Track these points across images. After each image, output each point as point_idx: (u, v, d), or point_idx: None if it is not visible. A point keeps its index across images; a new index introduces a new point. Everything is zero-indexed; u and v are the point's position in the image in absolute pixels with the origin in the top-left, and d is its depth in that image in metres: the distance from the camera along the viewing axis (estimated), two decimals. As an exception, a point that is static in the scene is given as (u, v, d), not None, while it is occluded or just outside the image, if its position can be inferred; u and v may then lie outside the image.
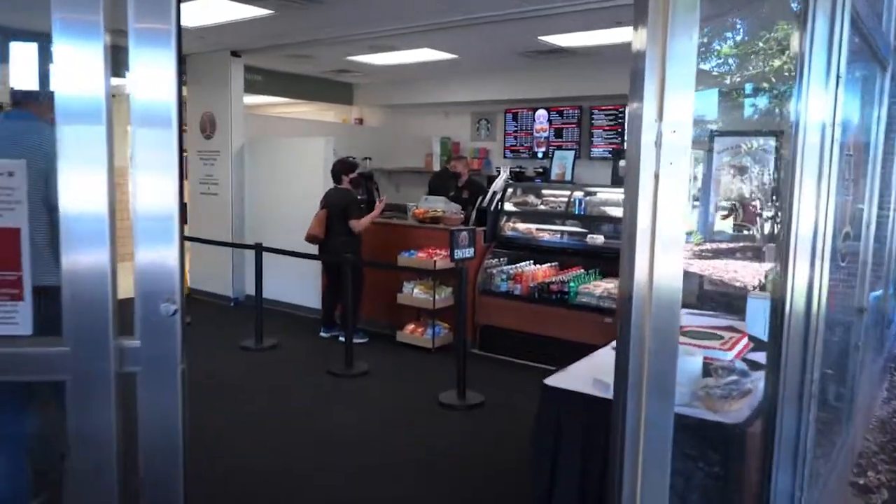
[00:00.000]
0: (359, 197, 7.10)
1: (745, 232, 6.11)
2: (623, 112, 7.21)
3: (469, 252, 4.14)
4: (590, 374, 2.37)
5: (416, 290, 5.38)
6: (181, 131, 1.44)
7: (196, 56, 7.11)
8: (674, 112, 1.33)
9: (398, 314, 5.62)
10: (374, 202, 7.94)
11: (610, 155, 7.35)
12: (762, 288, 4.28)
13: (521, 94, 7.63)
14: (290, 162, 6.66)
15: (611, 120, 7.32)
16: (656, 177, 1.47)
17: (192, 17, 5.53)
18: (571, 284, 4.88)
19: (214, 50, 6.83)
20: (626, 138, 7.22)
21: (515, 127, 8.06)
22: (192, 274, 7.44)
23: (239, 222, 7.05)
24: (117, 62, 1.38)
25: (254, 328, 5.41)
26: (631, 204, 1.47)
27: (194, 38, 6.33)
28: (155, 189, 1.44)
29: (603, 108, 7.35)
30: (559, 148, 7.47)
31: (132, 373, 1.56)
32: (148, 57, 1.29)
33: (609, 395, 2.20)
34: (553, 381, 2.35)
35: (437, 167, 8.34)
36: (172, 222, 1.47)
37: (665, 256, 1.36)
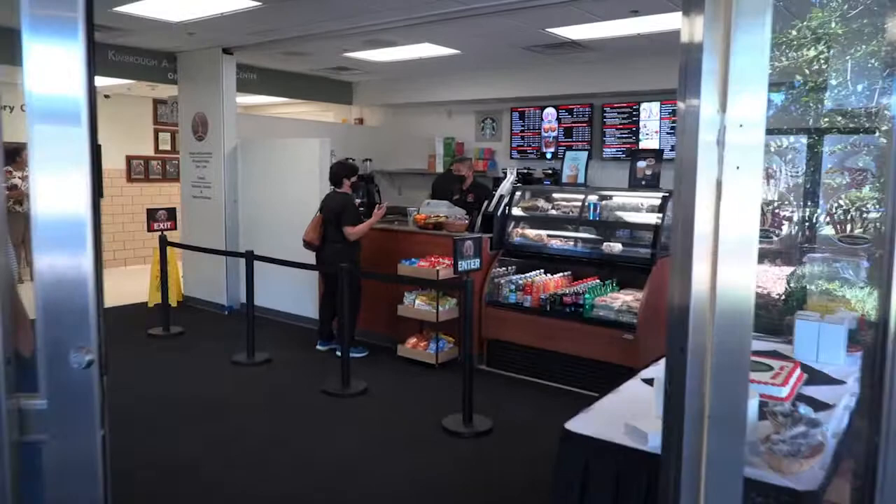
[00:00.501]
0: (357, 201, 6.77)
1: (770, 237, 5.67)
2: (637, 110, 6.82)
3: (475, 263, 3.77)
4: (619, 414, 1.99)
5: (417, 302, 5.00)
6: (94, 127, 1.15)
7: (186, 54, 6.77)
8: (741, 108, 1.12)
9: (399, 326, 5.25)
10: (375, 205, 7.61)
11: (623, 156, 6.97)
12: (789, 297, 3.88)
13: (528, 92, 7.26)
14: (284, 164, 6.30)
15: (624, 118, 6.93)
16: (719, 184, 1.22)
17: (178, 11, 5.20)
18: (587, 296, 4.50)
19: (205, 47, 6.49)
20: (635, 138, 6.83)
21: (522, 126, 7.69)
22: (185, 280, 7.11)
23: (232, 226, 6.70)
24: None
25: (251, 334, 5.06)
26: (685, 211, 1.21)
27: (183, 35, 5.99)
28: (59, 191, 1.15)
29: (616, 105, 6.96)
30: (569, 148, 7.09)
31: (36, 442, 1.21)
32: (48, 47, 1.10)
33: (646, 446, 1.85)
34: (576, 425, 1.98)
35: (440, 168, 7.98)
36: (84, 230, 1.14)
37: (735, 263, 1.15)
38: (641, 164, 4.87)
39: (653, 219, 4.54)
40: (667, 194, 4.57)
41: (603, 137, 7.09)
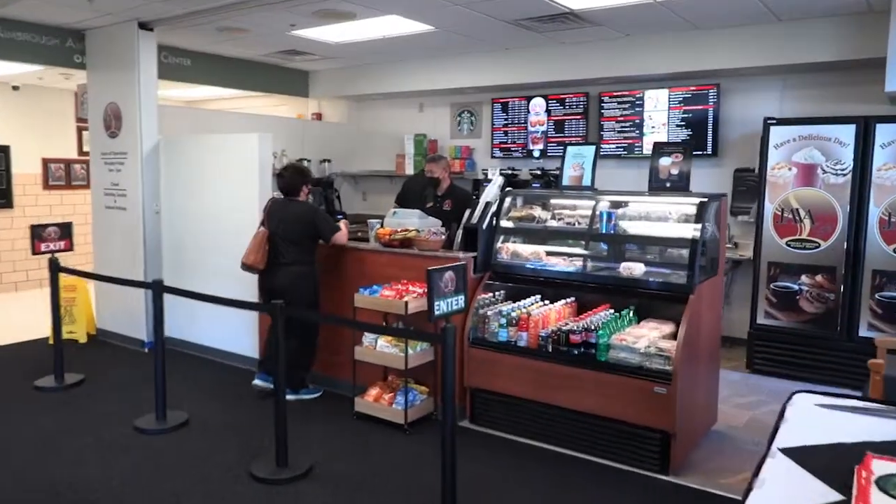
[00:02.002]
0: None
1: (812, 249, 4.58)
2: (641, 99, 5.79)
3: (458, 302, 2.66)
4: None
5: (381, 342, 3.86)
6: None
7: (96, 32, 5.52)
8: None
9: (359, 370, 4.07)
10: (335, 215, 6.45)
11: (624, 153, 5.94)
12: None
13: (513, 79, 6.18)
14: (216, 165, 5.10)
15: (626, 109, 5.89)
16: None
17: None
18: (600, 333, 3.41)
19: (117, 22, 5.25)
20: (638, 132, 5.76)
21: (506, 120, 6.61)
22: (98, 312, 5.83)
23: (154, 243, 5.45)
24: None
25: (161, 390, 3.86)
26: None
27: (83, 4, 4.74)
28: None
29: (616, 94, 5.92)
30: (563, 143, 6.02)
31: None
32: None
33: None
34: None
35: (410, 170, 6.86)
36: None
37: None
38: (665, 161, 3.81)
39: (688, 231, 3.47)
40: (705, 199, 3.50)
41: (600, 132, 6.04)
